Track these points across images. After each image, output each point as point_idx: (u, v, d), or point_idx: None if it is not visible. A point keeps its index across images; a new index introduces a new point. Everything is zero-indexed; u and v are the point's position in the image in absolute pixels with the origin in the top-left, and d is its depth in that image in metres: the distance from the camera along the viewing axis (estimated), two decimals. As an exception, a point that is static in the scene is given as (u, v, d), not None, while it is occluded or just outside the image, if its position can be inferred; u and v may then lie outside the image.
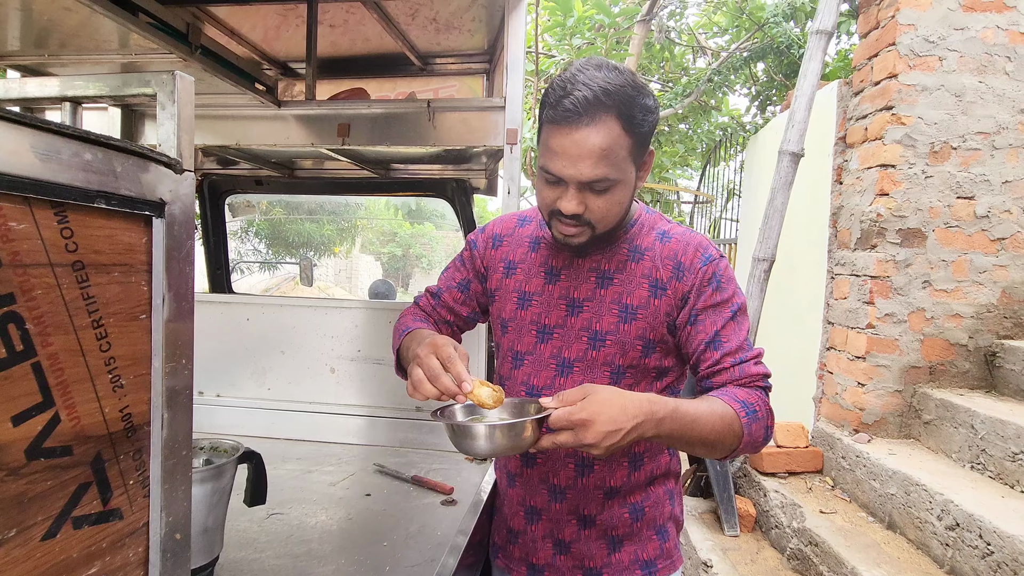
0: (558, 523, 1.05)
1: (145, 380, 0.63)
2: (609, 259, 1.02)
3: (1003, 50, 2.60)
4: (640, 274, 1.00)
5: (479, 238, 1.15)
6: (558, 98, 0.88)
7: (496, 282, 1.10)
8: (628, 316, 0.99)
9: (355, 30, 2.16)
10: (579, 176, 0.89)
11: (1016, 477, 2.10)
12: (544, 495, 1.05)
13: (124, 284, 0.60)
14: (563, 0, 4.41)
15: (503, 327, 1.08)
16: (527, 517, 1.08)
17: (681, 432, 0.86)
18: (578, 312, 1.01)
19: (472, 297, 1.15)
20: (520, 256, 1.08)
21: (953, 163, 2.63)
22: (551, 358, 1.02)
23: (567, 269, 1.03)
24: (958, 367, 2.68)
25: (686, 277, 0.98)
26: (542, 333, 1.03)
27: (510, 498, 1.11)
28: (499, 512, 1.17)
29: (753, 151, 4.75)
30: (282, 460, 1.57)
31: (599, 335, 1.00)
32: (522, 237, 1.10)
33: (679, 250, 1.00)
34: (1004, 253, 2.66)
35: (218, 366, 1.94)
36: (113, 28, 1.50)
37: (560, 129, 0.88)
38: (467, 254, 1.16)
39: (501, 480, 1.15)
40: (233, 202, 2.73)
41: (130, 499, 0.61)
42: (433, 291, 1.18)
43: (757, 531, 2.78)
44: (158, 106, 0.68)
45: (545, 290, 1.04)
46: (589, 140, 0.87)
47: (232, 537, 1.06)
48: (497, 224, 1.15)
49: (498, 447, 0.84)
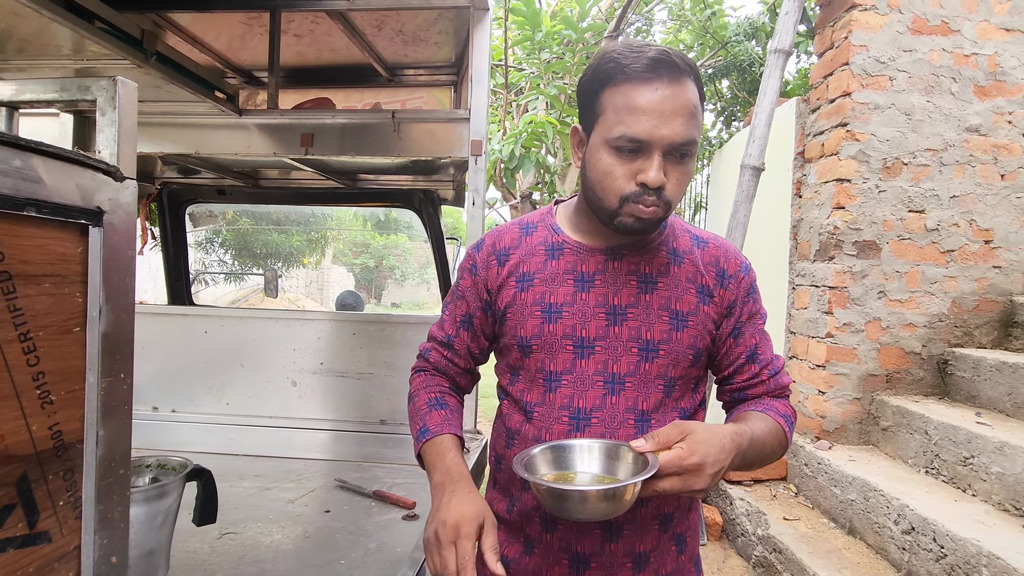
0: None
1: (78, 396, 0.60)
2: (649, 262, 0.92)
3: (948, 71, 2.73)
4: (685, 279, 0.92)
5: (477, 260, 0.98)
6: (634, 58, 0.80)
7: (508, 299, 0.94)
8: (680, 324, 0.90)
9: (321, 40, 2.15)
10: (673, 136, 0.79)
11: (968, 481, 2.17)
12: (564, 566, 0.91)
13: (56, 295, 0.57)
14: (531, 15, 4.47)
15: (524, 349, 0.92)
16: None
17: (752, 458, 0.86)
18: (622, 321, 0.89)
19: (479, 332, 1.01)
20: (536, 266, 0.93)
21: (905, 178, 2.74)
22: (596, 375, 0.89)
23: (602, 274, 0.91)
24: (913, 375, 2.77)
25: (730, 286, 0.94)
26: (580, 348, 0.89)
27: (522, 569, 0.95)
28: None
29: (718, 165, 4.87)
30: (239, 477, 1.53)
31: (651, 345, 0.89)
32: (533, 246, 0.95)
33: (720, 256, 0.95)
34: (953, 264, 2.77)
35: (174, 381, 1.88)
36: (67, 34, 1.46)
37: (649, 85, 0.79)
38: (465, 283, 0.99)
39: (511, 548, 0.96)
40: (194, 212, 2.66)
41: (59, 521, 0.58)
42: (442, 340, 1.03)
43: (724, 539, 2.81)
44: (98, 112, 0.66)
45: (577, 299, 0.90)
46: (684, 95, 0.80)
47: (180, 559, 1.02)
48: (496, 238, 0.99)
49: (600, 510, 0.74)
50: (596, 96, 0.84)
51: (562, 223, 0.97)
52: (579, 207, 0.95)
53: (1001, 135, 2.75)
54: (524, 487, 0.92)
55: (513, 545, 0.95)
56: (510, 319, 0.93)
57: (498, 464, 0.99)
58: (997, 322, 2.78)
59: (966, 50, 2.73)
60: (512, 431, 0.95)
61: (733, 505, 2.74)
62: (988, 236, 2.77)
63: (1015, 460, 1.98)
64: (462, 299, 1.00)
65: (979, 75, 2.74)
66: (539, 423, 0.90)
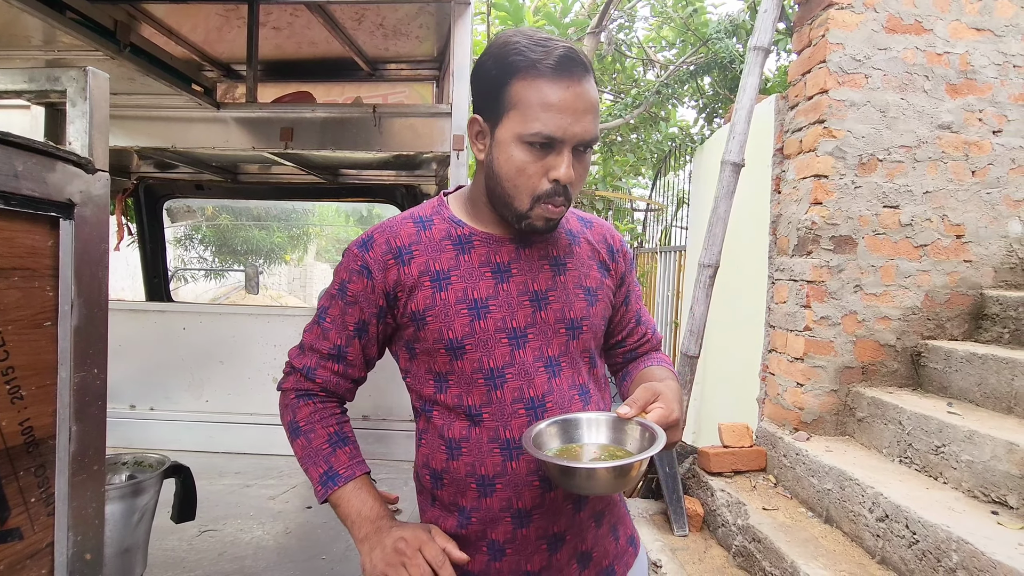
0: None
1: (50, 391, 0.60)
2: (555, 244, 0.95)
3: (922, 70, 2.79)
4: (587, 256, 0.97)
5: (369, 261, 0.89)
6: (543, 53, 0.80)
7: (425, 301, 0.88)
8: (593, 299, 0.95)
9: (301, 33, 2.13)
10: (584, 133, 0.81)
11: (939, 470, 2.23)
12: (544, 552, 0.91)
13: (25, 289, 0.57)
14: (514, 10, 4.47)
15: (455, 351, 0.88)
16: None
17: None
18: (546, 305, 0.90)
19: (374, 340, 0.93)
20: (448, 262, 0.89)
21: (880, 174, 2.80)
22: (536, 362, 0.89)
23: (517, 263, 0.91)
24: (888, 367, 2.83)
25: (619, 259, 1.02)
26: (515, 338, 0.88)
27: (494, 573, 0.91)
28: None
29: (700, 161, 4.92)
30: (219, 475, 1.51)
31: (575, 323, 0.92)
32: (437, 241, 0.91)
33: (606, 234, 1.02)
34: (926, 259, 2.84)
35: (152, 378, 1.86)
36: (38, 25, 1.43)
37: (559, 81, 0.80)
38: (356, 287, 0.90)
39: (475, 561, 0.90)
40: (172, 207, 2.62)
41: (31, 518, 0.57)
42: (329, 352, 0.93)
43: (705, 530, 2.85)
44: (68, 103, 0.65)
45: (500, 291, 0.89)
46: (590, 94, 0.82)
47: (158, 557, 1.01)
48: (391, 235, 0.91)
49: (618, 484, 0.77)
50: (502, 88, 0.83)
51: (460, 215, 0.94)
52: (475, 198, 0.93)
53: (972, 133, 2.82)
54: (484, 492, 0.88)
55: (477, 557, 0.90)
56: (431, 322, 0.88)
57: (438, 481, 0.92)
58: (968, 315, 2.85)
59: (939, 49, 2.79)
60: (455, 441, 0.89)
61: (714, 496, 2.78)
62: (959, 231, 2.84)
63: (983, 448, 2.04)
64: (354, 305, 0.91)
65: (951, 74, 2.80)
66: (491, 422, 0.87)
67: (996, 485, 1.99)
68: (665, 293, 5.66)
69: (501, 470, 0.87)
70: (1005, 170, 2.83)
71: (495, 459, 0.87)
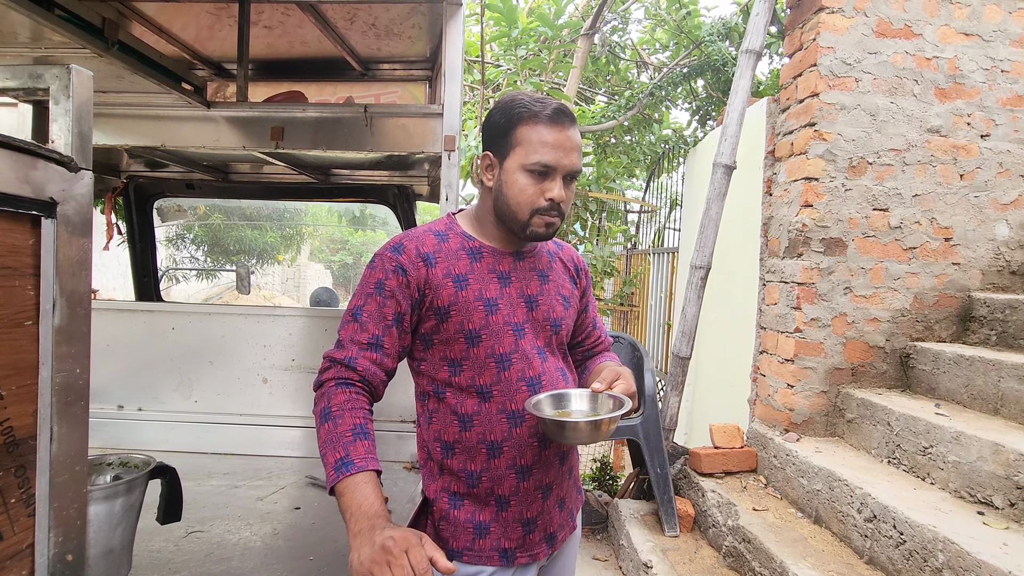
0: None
1: (31, 391, 0.59)
2: (539, 260, 1.21)
3: (911, 73, 2.81)
4: (561, 270, 1.24)
5: (403, 263, 1.07)
6: (542, 107, 1.07)
7: (449, 298, 1.08)
8: (567, 304, 1.21)
9: (292, 32, 2.12)
10: (571, 165, 1.08)
11: (927, 470, 2.25)
12: (539, 499, 1.15)
13: (5, 288, 0.56)
14: (507, 11, 4.47)
15: (473, 338, 1.08)
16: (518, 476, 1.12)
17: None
18: (536, 306, 1.15)
19: (407, 330, 1.09)
20: (464, 268, 1.11)
21: (869, 177, 2.82)
22: (532, 350, 1.13)
23: (515, 272, 1.16)
24: (877, 368, 2.85)
25: (582, 275, 1.30)
26: (517, 331, 1.12)
27: (502, 521, 1.11)
28: (456, 515, 1.10)
29: (692, 163, 4.94)
30: (207, 475, 1.50)
31: (556, 322, 1.18)
32: (454, 251, 1.12)
33: (572, 255, 1.29)
34: (915, 261, 2.86)
35: (140, 378, 1.84)
36: (25, 21, 1.41)
37: (554, 127, 1.07)
38: (392, 283, 1.07)
39: (483, 513, 1.10)
40: (162, 206, 2.60)
41: (11, 519, 0.57)
42: (368, 342, 1.06)
43: (696, 531, 2.86)
44: (51, 100, 0.64)
45: (504, 293, 1.13)
46: (575, 137, 1.09)
47: (143, 558, 1.01)
48: (418, 243, 1.11)
49: (595, 436, 1.01)
50: (510, 132, 1.08)
51: (470, 231, 1.17)
52: (482, 217, 1.17)
53: (960, 136, 2.84)
54: (493, 455, 1.08)
55: (485, 510, 1.10)
56: (454, 315, 1.08)
57: (449, 451, 1.11)
58: (956, 317, 2.88)
59: (928, 53, 2.81)
60: (467, 415, 1.09)
61: (705, 497, 2.79)
62: (948, 234, 2.87)
63: (970, 449, 2.05)
64: (391, 298, 1.07)
65: (940, 78, 2.82)
66: (500, 397, 1.09)
67: (982, 485, 2.01)
68: (658, 295, 5.67)
69: (508, 435, 1.09)
70: (993, 173, 2.86)
71: (503, 427, 1.08)
